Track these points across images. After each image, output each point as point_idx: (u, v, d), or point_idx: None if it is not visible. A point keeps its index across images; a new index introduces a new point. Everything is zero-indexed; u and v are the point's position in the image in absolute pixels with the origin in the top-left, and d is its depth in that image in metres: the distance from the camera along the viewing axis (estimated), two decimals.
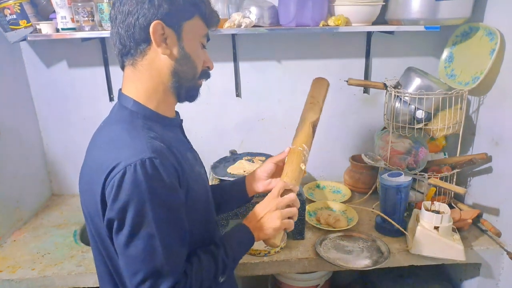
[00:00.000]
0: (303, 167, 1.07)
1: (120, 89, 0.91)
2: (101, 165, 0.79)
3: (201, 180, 0.96)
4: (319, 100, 1.20)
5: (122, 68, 0.90)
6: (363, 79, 1.84)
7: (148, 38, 0.83)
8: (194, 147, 1.04)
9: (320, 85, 1.24)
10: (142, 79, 0.87)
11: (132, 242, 0.78)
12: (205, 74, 0.96)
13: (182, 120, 1.01)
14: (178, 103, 0.96)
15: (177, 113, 1.00)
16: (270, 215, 0.96)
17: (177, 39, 0.86)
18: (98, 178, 0.79)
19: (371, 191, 1.75)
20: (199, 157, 1.05)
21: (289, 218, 0.98)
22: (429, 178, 1.57)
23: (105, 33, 1.54)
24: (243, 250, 0.97)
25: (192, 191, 0.89)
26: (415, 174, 1.59)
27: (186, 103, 0.97)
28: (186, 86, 0.91)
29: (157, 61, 0.86)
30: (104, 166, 0.78)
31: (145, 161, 0.77)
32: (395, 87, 1.57)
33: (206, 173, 1.05)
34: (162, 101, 0.90)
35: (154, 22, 0.82)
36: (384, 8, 1.61)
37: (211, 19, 0.91)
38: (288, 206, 0.98)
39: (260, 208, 0.98)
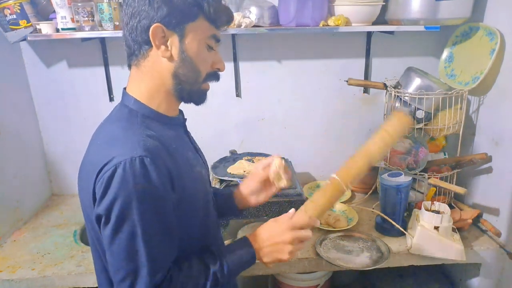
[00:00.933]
0: (335, 207, 0.99)
1: (125, 88, 0.92)
2: (95, 163, 0.80)
3: (200, 180, 0.96)
4: (394, 141, 1.03)
5: (129, 67, 0.91)
6: (363, 79, 1.84)
7: (149, 40, 0.83)
8: None
9: (402, 124, 1.02)
10: (145, 80, 0.88)
11: (116, 239, 0.78)
12: (213, 76, 0.93)
13: (185, 119, 1.01)
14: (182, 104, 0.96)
15: (181, 111, 0.99)
16: (282, 247, 0.92)
17: (179, 42, 0.85)
18: (91, 175, 0.80)
19: (371, 191, 1.75)
20: (204, 158, 1.05)
21: None
22: (429, 178, 1.56)
23: (105, 33, 1.54)
24: (241, 269, 0.94)
25: (189, 191, 0.88)
26: (415, 174, 1.59)
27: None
28: (187, 89, 0.90)
29: (158, 63, 0.86)
30: (96, 163, 0.79)
31: (135, 159, 0.77)
32: (395, 87, 1.57)
33: (208, 174, 1.05)
34: (164, 101, 0.90)
35: (154, 25, 0.82)
36: (384, 8, 1.61)
37: (219, 19, 0.87)
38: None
39: (273, 233, 0.93)
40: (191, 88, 0.90)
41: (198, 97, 0.93)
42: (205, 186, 0.98)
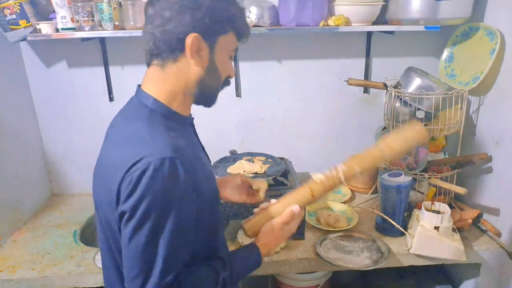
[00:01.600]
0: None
1: (139, 85, 0.92)
2: (120, 161, 0.80)
3: (212, 179, 0.98)
4: (395, 154, 1.05)
5: (148, 65, 0.91)
6: (363, 79, 1.84)
7: (183, 47, 0.84)
8: None
9: (410, 136, 1.02)
10: (168, 82, 0.88)
11: (135, 237, 0.79)
12: (226, 83, 0.97)
13: (193, 118, 1.01)
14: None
15: None
16: (284, 238, 1.03)
17: (209, 52, 0.87)
18: (115, 174, 0.80)
19: (371, 191, 1.75)
20: (209, 157, 1.07)
21: None
22: (429, 178, 1.56)
23: (105, 33, 1.54)
24: (248, 273, 0.98)
25: (203, 190, 0.90)
26: (415, 174, 1.59)
27: None
28: (207, 95, 0.93)
29: (187, 69, 0.87)
30: (122, 162, 0.79)
31: (166, 160, 0.78)
32: (395, 87, 1.57)
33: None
34: (182, 103, 0.91)
35: (192, 34, 0.83)
36: (384, 8, 1.61)
37: (243, 34, 0.92)
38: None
39: (281, 233, 1.00)
40: (210, 94, 0.94)
41: (212, 101, 0.96)
42: (215, 184, 0.99)
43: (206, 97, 0.94)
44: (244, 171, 1.50)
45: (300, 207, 1.01)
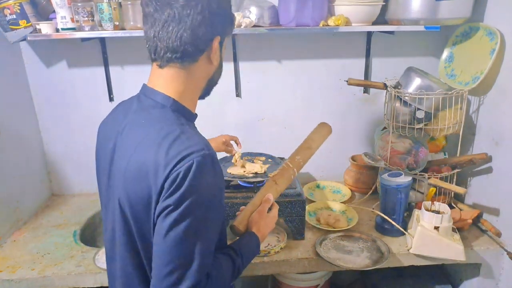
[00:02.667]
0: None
1: (146, 85, 0.92)
2: (162, 161, 0.80)
3: None
4: (315, 146, 1.35)
5: (162, 65, 0.89)
6: (363, 79, 1.84)
7: (206, 48, 0.88)
8: None
9: (323, 133, 1.40)
10: (186, 81, 0.90)
11: (175, 229, 0.79)
12: None
13: (196, 115, 1.02)
14: None
15: None
16: (272, 224, 1.13)
17: (220, 50, 0.93)
18: (157, 173, 0.80)
19: (371, 191, 1.75)
20: None
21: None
22: (429, 178, 1.56)
23: (105, 33, 1.54)
24: (252, 258, 1.05)
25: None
26: (415, 174, 1.59)
27: None
28: (210, 89, 0.99)
29: (204, 68, 0.92)
30: (165, 161, 0.80)
31: (207, 155, 0.81)
32: (395, 87, 1.57)
33: None
34: (194, 100, 0.96)
35: (217, 37, 0.89)
36: (384, 8, 1.61)
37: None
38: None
39: (267, 220, 1.11)
40: (212, 88, 1.00)
41: (209, 94, 1.01)
42: None
43: (208, 91, 0.99)
44: (244, 171, 1.50)
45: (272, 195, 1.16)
